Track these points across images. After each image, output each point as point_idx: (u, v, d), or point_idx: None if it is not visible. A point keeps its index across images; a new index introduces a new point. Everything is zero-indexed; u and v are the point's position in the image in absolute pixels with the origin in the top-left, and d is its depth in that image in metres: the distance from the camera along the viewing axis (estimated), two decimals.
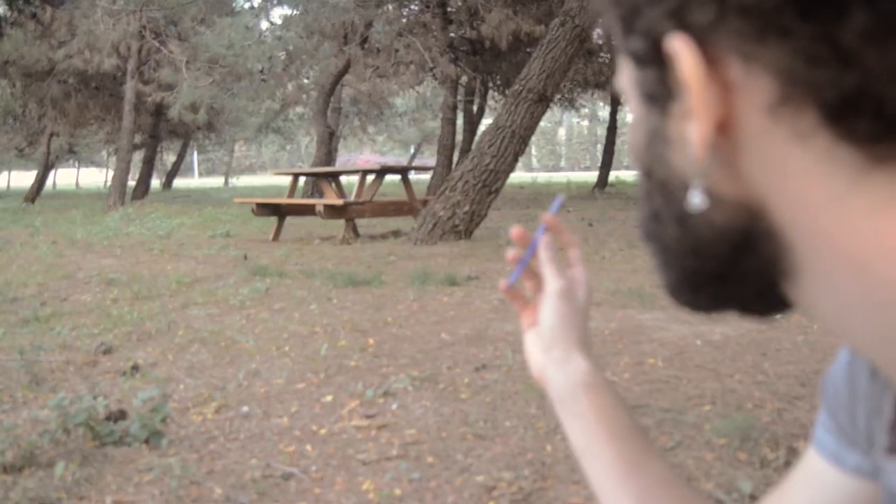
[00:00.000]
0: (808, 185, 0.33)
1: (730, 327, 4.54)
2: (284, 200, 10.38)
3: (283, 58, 18.00)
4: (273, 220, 10.11)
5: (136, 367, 3.90)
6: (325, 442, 2.86)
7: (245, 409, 3.25)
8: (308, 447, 2.81)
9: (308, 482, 2.49)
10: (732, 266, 0.39)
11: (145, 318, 5.08)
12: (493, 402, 3.25)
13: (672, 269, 0.44)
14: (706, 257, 0.40)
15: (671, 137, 0.37)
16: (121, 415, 3.09)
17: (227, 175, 48.04)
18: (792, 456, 2.53)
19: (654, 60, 0.35)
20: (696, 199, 0.37)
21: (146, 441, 2.85)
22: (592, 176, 24.28)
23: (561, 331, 0.74)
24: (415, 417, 3.09)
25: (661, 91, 0.36)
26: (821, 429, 0.61)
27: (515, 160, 9.25)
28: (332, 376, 3.66)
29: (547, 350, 0.74)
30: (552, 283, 0.75)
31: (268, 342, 4.31)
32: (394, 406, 3.23)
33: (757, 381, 3.45)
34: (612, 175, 24.42)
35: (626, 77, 0.42)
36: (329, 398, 3.35)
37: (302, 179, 13.40)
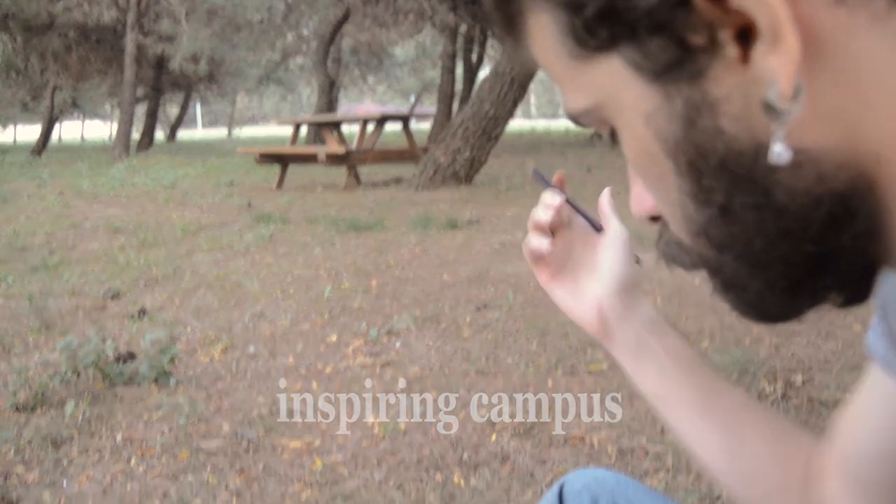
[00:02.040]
0: None
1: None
2: (287, 149, 10.34)
3: (282, 8, 17.71)
4: (276, 169, 10.09)
5: (143, 311, 3.95)
6: (330, 380, 2.92)
7: (251, 349, 3.30)
8: (314, 384, 2.86)
9: (314, 419, 2.55)
10: (833, 237, 0.34)
11: (152, 264, 5.13)
12: (494, 339, 3.29)
13: (756, 273, 0.38)
14: (800, 236, 0.34)
15: (719, 100, 0.32)
16: (129, 356, 3.15)
17: (230, 126, 47.76)
18: (789, 389, 2.58)
19: (670, 16, 0.30)
20: (780, 152, 0.31)
21: (155, 381, 2.91)
22: None
23: (626, 278, 0.72)
24: (418, 355, 3.14)
25: (686, 54, 0.31)
26: (873, 334, 0.58)
27: (514, 106, 9.17)
28: (336, 317, 3.71)
29: (610, 297, 0.71)
30: (617, 229, 0.73)
31: (272, 285, 4.36)
32: (397, 345, 3.28)
33: None
34: None
35: (599, 88, 0.36)
36: (333, 338, 3.40)
37: (304, 130, 13.32)
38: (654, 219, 0.46)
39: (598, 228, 0.75)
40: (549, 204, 0.73)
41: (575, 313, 0.75)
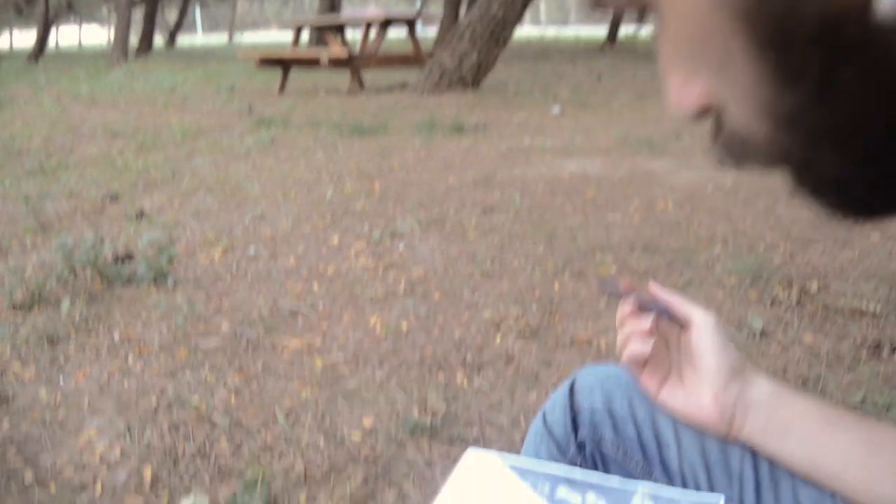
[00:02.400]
0: None
1: (741, 173, 4.43)
2: (288, 53, 10.02)
3: None
4: (278, 74, 9.81)
5: (142, 213, 3.87)
6: (331, 281, 2.85)
7: (252, 250, 3.23)
8: (315, 286, 2.80)
9: (315, 318, 2.50)
10: None
11: (150, 167, 5.01)
12: (500, 242, 3.21)
13: (864, 164, 0.31)
14: None
15: None
16: (127, 257, 3.09)
17: (230, 31, 46.47)
18: (804, 296, 2.50)
19: None
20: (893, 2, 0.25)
21: (153, 281, 2.85)
22: (602, 31, 23.23)
23: (731, 364, 0.71)
24: (421, 257, 3.07)
25: None
26: None
27: (524, 9, 8.80)
28: (339, 219, 3.62)
29: (724, 391, 0.71)
30: (702, 317, 0.73)
31: (273, 188, 4.25)
32: (400, 247, 3.20)
33: (769, 224, 3.39)
34: (622, 31, 23.39)
35: None
36: (335, 240, 3.32)
37: (306, 35, 12.89)
38: (703, 113, 0.36)
39: (681, 324, 0.75)
40: (642, 326, 0.76)
41: (695, 419, 0.75)
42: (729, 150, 0.36)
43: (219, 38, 49.61)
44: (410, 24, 10.12)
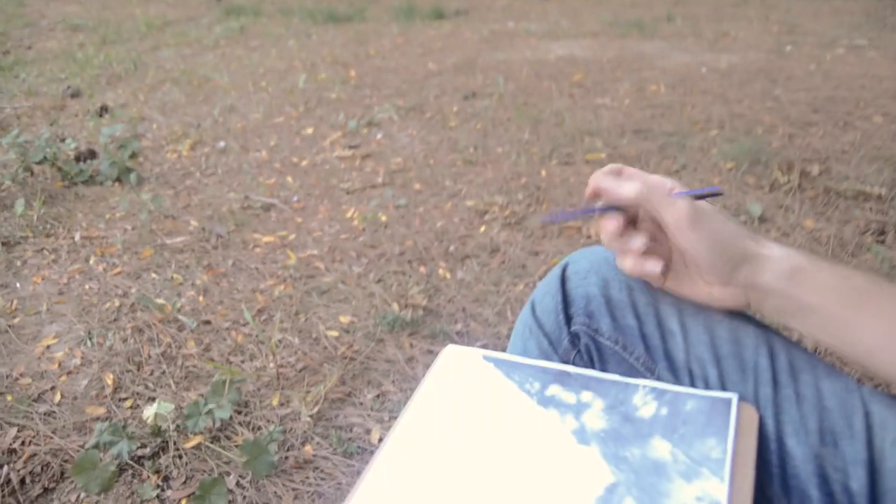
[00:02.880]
0: None
1: (736, 56, 4.22)
2: None
3: None
4: None
5: (105, 109, 3.64)
6: (306, 173, 2.69)
7: (221, 144, 3.04)
8: (289, 179, 2.64)
9: (289, 212, 2.36)
10: None
11: (114, 61, 4.72)
12: (483, 129, 3.04)
13: None
14: None
15: None
16: (90, 154, 2.90)
17: None
18: (805, 180, 2.37)
19: None
20: None
21: (117, 179, 2.69)
22: None
23: (726, 252, 0.63)
24: (401, 146, 2.90)
25: None
26: None
27: None
28: (313, 109, 3.41)
29: (729, 280, 0.64)
30: (673, 211, 0.62)
31: (243, 79, 4.01)
32: (378, 136, 3.02)
33: (767, 107, 3.22)
34: None
35: None
36: (310, 130, 3.13)
37: None
38: None
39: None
40: (631, 245, 0.66)
41: (709, 304, 0.69)
42: None
43: None
44: None
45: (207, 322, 1.72)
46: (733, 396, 0.65)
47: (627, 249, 0.66)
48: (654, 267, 0.65)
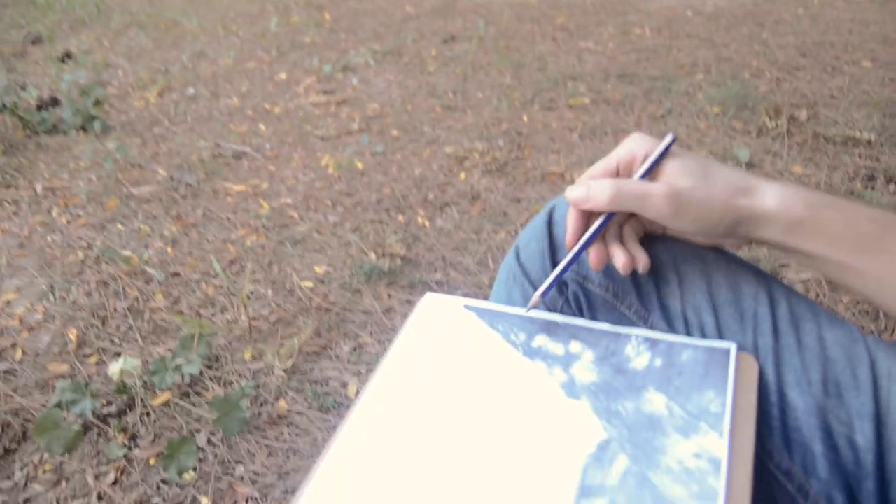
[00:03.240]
0: None
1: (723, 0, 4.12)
2: None
3: None
4: None
5: (68, 55, 3.49)
6: (279, 120, 2.59)
7: (191, 90, 2.93)
8: (261, 126, 2.54)
9: (262, 160, 2.27)
10: None
11: (76, 5, 4.52)
12: (463, 73, 2.94)
13: None
14: None
15: None
16: (53, 102, 2.77)
17: None
18: (793, 125, 2.31)
19: None
20: None
21: (82, 128, 2.57)
22: None
23: (714, 215, 0.57)
24: (377, 91, 2.80)
25: None
26: None
27: None
28: (286, 53, 3.29)
29: (720, 238, 0.63)
30: (650, 206, 0.57)
31: (213, 22, 3.85)
32: (354, 81, 2.92)
33: (754, 50, 3.14)
34: None
35: None
36: (283, 76, 3.02)
37: None
38: None
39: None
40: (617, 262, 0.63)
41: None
42: None
43: None
44: None
45: (176, 274, 1.65)
46: (732, 346, 0.60)
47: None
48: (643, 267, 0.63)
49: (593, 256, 0.62)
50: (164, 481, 1.11)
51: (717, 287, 0.66)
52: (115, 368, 1.24)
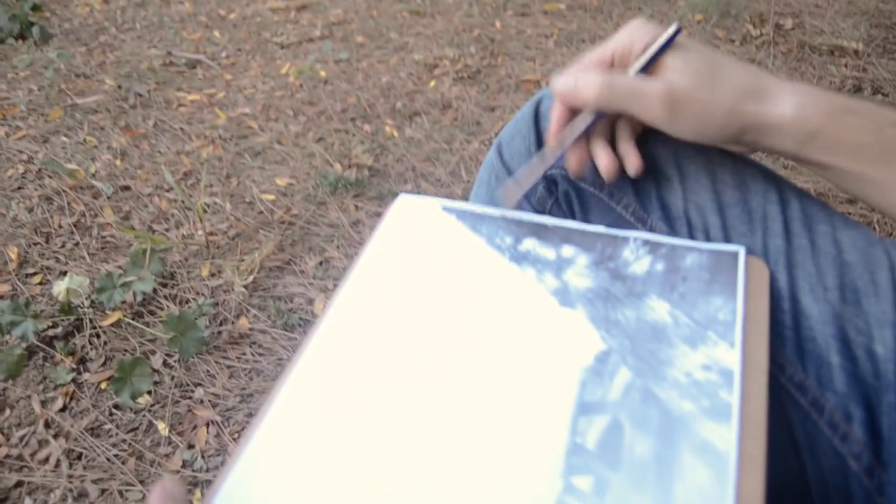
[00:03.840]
0: None
1: None
2: None
3: None
4: None
5: None
6: (235, 27, 2.43)
7: None
8: (216, 33, 2.38)
9: (217, 69, 2.12)
10: None
11: None
12: None
13: None
14: None
15: None
16: None
17: None
18: (778, 34, 2.22)
19: None
20: None
21: (20, 36, 2.38)
22: None
23: (718, 120, 0.49)
24: None
25: None
26: None
27: None
28: None
29: (724, 144, 0.55)
30: (644, 107, 0.50)
31: None
32: None
33: None
34: None
35: None
36: None
37: None
38: None
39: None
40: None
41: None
42: None
43: None
44: None
45: (126, 188, 1.54)
46: (740, 249, 0.53)
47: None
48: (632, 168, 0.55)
49: (572, 158, 0.55)
50: (116, 406, 1.03)
51: (722, 185, 0.59)
52: (60, 288, 1.15)
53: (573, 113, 0.54)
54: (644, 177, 0.61)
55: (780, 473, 0.41)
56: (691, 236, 0.59)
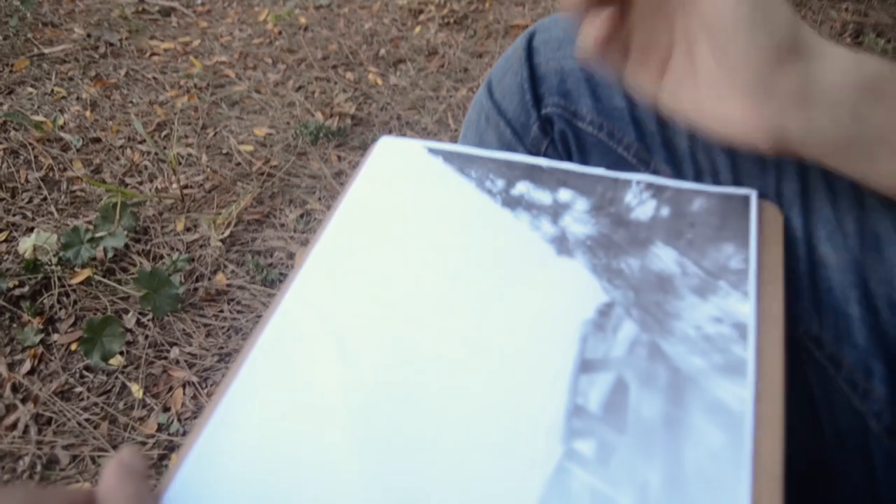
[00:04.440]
0: None
1: None
2: None
3: None
4: None
5: None
6: None
7: None
8: None
9: (192, 16, 2.03)
10: None
11: None
12: None
13: None
14: None
15: None
16: None
17: None
18: None
19: None
20: None
21: None
22: None
23: (771, 36, 0.36)
24: None
25: None
26: None
27: None
28: None
29: (765, 90, 0.37)
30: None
31: None
32: None
33: None
34: None
35: None
36: None
37: None
38: None
39: None
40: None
41: (721, 133, 0.41)
42: None
43: None
44: None
45: (97, 140, 1.46)
46: (752, 193, 0.48)
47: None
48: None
49: (588, 32, 0.41)
50: (87, 368, 0.99)
51: None
52: (26, 245, 1.09)
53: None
54: (647, 115, 0.56)
55: (794, 435, 0.37)
56: (698, 179, 0.55)
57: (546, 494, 0.34)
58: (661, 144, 0.56)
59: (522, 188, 0.49)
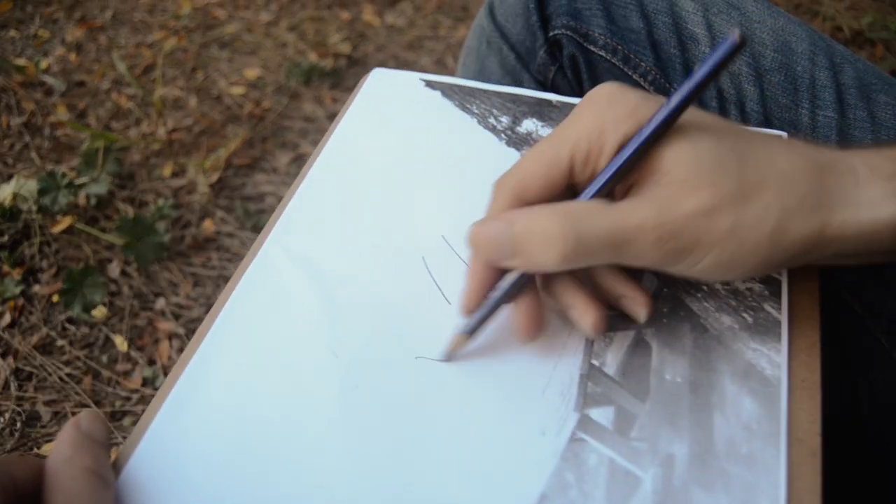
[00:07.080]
0: None
1: None
2: None
3: None
4: None
5: None
6: None
7: None
8: None
9: None
10: None
11: None
12: None
13: None
14: None
15: None
16: None
17: None
18: None
19: None
20: None
21: None
22: None
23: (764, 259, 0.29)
24: None
25: None
26: None
27: None
28: None
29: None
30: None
31: None
32: None
33: None
34: None
35: None
36: None
37: None
38: None
39: None
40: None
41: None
42: None
43: None
44: None
45: (81, 83, 1.40)
46: (781, 135, 0.42)
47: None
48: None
49: (520, 318, 0.33)
50: (69, 321, 0.94)
51: (761, 47, 0.49)
52: (5, 192, 1.04)
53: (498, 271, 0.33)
54: (665, 36, 0.50)
55: (827, 396, 0.32)
56: (722, 110, 0.49)
57: (559, 468, 0.29)
58: (682, 71, 0.50)
59: (530, 125, 0.43)
